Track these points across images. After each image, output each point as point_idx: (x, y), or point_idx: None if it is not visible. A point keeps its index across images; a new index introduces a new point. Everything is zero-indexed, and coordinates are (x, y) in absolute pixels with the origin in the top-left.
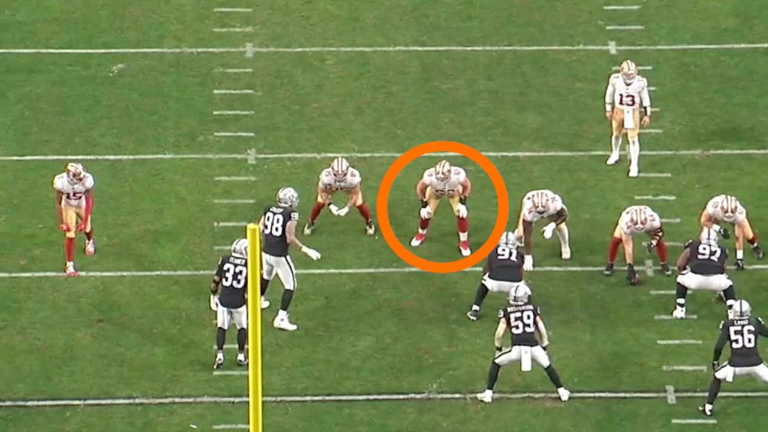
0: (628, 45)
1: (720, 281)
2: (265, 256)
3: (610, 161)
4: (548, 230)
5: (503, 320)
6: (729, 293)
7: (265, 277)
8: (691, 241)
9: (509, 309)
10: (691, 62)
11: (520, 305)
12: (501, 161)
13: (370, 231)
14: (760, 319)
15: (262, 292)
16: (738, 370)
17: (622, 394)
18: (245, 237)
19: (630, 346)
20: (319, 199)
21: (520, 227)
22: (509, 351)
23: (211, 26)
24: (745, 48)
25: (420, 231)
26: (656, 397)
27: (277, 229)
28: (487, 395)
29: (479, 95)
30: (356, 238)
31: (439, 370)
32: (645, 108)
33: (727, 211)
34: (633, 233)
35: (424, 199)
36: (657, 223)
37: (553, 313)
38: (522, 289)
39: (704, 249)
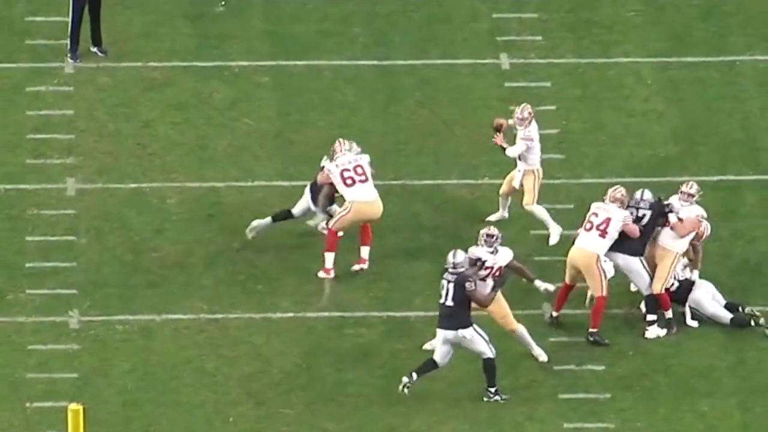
0: (544, 178)
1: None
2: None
3: (493, 218)
4: None
5: None
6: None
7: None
8: None
9: None
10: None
11: None
12: (387, 322)
13: None
14: None
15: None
16: None
17: None
18: (66, 419)
19: None
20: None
21: None
22: None
23: (23, 156)
24: (689, 181)
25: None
26: None
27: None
28: None
29: None
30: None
31: None
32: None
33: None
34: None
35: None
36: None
37: None
38: None
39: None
